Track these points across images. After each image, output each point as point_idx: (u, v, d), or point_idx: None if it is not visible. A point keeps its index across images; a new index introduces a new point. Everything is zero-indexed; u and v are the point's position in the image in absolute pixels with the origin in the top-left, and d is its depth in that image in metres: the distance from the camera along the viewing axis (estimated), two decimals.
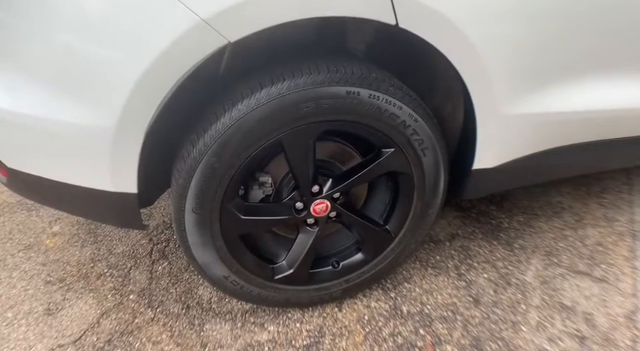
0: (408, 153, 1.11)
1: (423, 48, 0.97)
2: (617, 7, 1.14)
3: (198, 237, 1.06)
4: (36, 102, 0.90)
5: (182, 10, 0.77)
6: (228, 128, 0.92)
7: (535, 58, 1.10)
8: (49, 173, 1.02)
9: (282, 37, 0.85)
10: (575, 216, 1.92)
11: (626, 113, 1.38)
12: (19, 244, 1.67)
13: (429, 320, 1.33)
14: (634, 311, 1.44)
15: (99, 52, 0.82)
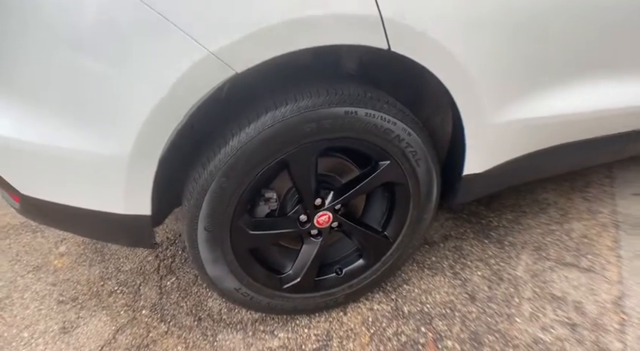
0: (403, 164, 1.19)
1: (413, 67, 1.05)
2: (586, 20, 1.23)
3: (210, 253, 1.13)
4: (52, 131, 0.95)
5: (192, 44, 0.84)
6: (237, 151, 0.99)
7: (515, 71, 1.19)
8: (63, 199, 1.07)
9: (282, 63, 0.92)
10: (560, 211, 2.02)
11: (602, 114, 1.48)
12: (28, 265, 1.71)
13: (429, 318, 1.41)
14: (620, 297, 1.54)
15: (114, 84, 0.88)
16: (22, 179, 1.09)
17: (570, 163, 1.73)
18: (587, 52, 1.34)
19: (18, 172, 1.08)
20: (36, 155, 1.00)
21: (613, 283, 1.60)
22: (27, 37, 0.87)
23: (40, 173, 1.04)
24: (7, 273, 1.68)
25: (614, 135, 1.59)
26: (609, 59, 1.42)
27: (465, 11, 1.02)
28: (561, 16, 1.20)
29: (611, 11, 1.27)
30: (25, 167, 1.05)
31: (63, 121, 0.94)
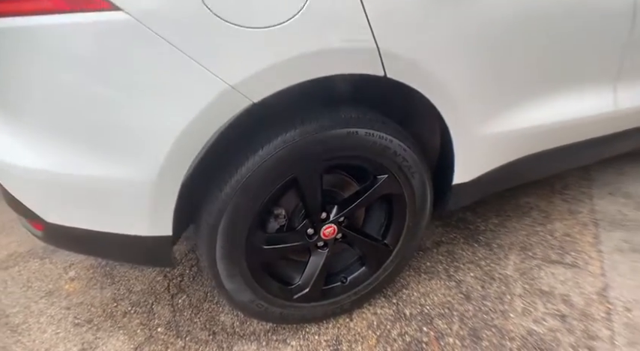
0: (400, 177, 1.31)
1: (404, 89, 1.18)
2: (551, 45, 1.39)
3: (227, 268, 1.22)
4: (79, 161, 1.03)
5: (214, 78, 0.94)
6: (252, 172, 1.09)
7: (495, 89, 1.32)
8: (89, 224, 1.15)
9: (291, 90, 1.03)
10: (542, 213, 2.16)
11: (572, 122, 1.63)
12: (40, 290, 1.76)
13: (430, 318, 1.52)
14: (604, 288, 1.67)
15: (141, 115, 0.97)
16: (47, 208, 1.16)
17: (549, 168, 1.87)
18: (554, 71, 1.50)
19: (44, 202, 1.15)
20: (62, 184, 1.08)
21: (596, 276, 1.74)
22: (55, 70, 0.95)
23: (65, 201, 1.12)
24: (20, 299, 1.72)
25: (587, 140, 1.74)
26: (574, 75, 1.58)
27: (449, 40, 1.15)
28: (531, 42, 1.36)
29: (572, 37, 1.44)
30: (51, 196, 1.13)
31: (91, 151, 1.02)
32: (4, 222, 2.25)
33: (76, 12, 0.89)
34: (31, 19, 0.91)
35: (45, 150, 1.05)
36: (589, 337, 1.45)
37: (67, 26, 0.90)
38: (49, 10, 0.90)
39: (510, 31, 1.29)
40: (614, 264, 1.81)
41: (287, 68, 0.98)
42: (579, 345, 1.43)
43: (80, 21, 0.89)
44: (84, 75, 0.95)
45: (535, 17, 1.33)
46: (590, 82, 1.65)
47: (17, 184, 1.15)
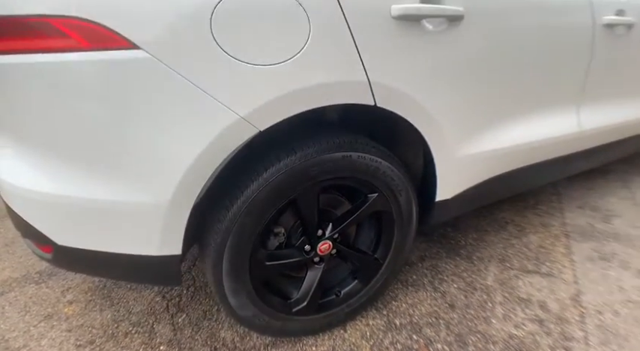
0: (388, 195, 1.43)
1: (392, 116, 1.31)
2: (518, 76, 1.56)
3: (232, 284, 1.30)
4: (95, 186, 1.11)
5: (225, 110, 1.05)
6: (257, 194, 1.19)
7: (471, 115, 1.47)
8: (99, 246, 1.22)
9: (292, 118, 1.14)
10: (517, 227, 2.32)
11: (542, 143, 1.79)
12: (38, 315, 1.78)
13: (419, 327, 1.62)
14: (577, 294, 1.81)
15: (157, 143, 1.06)
16: (59, 231, 1.22)
17: (522, 184, 2.03)
18: (524, 98, 1.68)
19: (56, 225, 1.21)
20: (76, 208, 1.15)
21: (570, 283, 1.88)
22: (76, 102, 1.03)
23: (78, 224, 1.18)
24: (18, 323, 1.75)
25: (554, 159, 1.90)
26: (542, 101, 1.75)
27: (431, 73, 1.30)
28: (503, 73, 1.52)
29: (540, 68, 1.62)
30: (64, 220, 1.19)
31: (107, 177, 1.10)
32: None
33: (98, 50, 0.99)
34: (57, 56, 1.00)
35: (62, 176, 1.12)
36: (565, 339, 1.58)
37: (89, 63, 1.00)
38: (74, 47, 0.99)
39: (485, 63, 1.45)
40: (586, 272, 1.96)
41: (289, 100, 1.10)
42: (556, 346, 1.55)
43: (102, 58, 0.99)
44: (103, 107, 1.04)
45: (506, 51, 1.50)
46: (556, 106, 1.82)
47: (30, 208, 1.22)
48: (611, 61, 1.94)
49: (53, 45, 1.00)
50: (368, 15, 1.16)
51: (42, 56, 1.01)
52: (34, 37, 1.00)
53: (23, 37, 1.01)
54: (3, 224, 2.51)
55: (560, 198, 2.67)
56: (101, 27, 0.97)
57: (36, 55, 1.01)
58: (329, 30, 1.11)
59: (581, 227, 2.34)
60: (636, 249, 2.16)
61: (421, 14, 1.23)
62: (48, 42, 1.00)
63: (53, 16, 0.98)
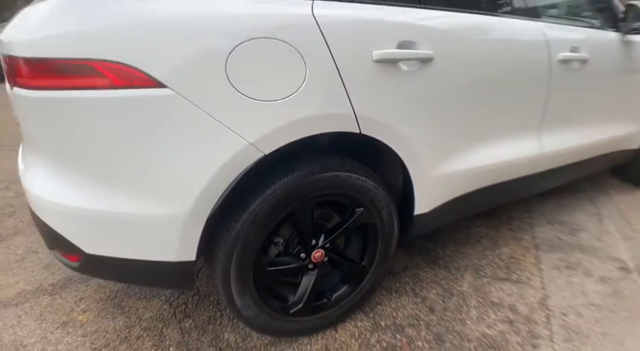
0: (373, 210, 1.65)
1: (374, 141, 1.54)
2: (491, 105, 1.82)
3: (238, 287, 1.50)
4: (123, 201, 1.30)
5: (236, 137, 1.27)
6: (260, 208, 1.40)
7: (443, 141, 1.72)
8: (124, 253, 1.41)
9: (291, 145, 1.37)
10: (491, 240, 2.55)
11: (507, 163, 2.04)
12: (54, 322, 1.94)
13: (402, 327, 1.82)
14: (544, 298, 2.03)
15: (179, 166, 1.27)
16: (88, 241, 1.41)
17: (493, 200, 2.26)
18: (491, 125, 1.94)
19: (85, 235, 1.40)
20: (105, 220, 1.35)
21: (537, 289, 2.10)
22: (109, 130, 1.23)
23: (106, 234, 1.38)
24: (35, 330, 1.90)
25: (519, 178, 2.15)
26: (506, 128, 2.01)
27: (408, 106, 1.54)
28: (472, 104, 1.78)
29: (505, 98, 1.88)
30: (92, 230, 1.39)
31: (135, 193, 1.30)
32: (10, 262, 2.43)
33: (130, 88, 1.21)
34: (94, 92, 1.21)
35: (93, 192, 1.32)
36: (532, 337, 1.79)
37: (122, 98, 1.22)
38: (108, 85, 1.21)
39: (454, 97, 1.70)
40: (552, 279, 2.18)
41: (289, 129, 1.33)
42: (525, 343, 1.76)
43: (133, 94, 1.21)
44: (134, 134, 1.25)
45: (472, 85, 1.76)
46: (519, 131, 2.08)
47: (62, 220, 1.40)
48: (568, 91, 2.21)
49: (92, 83, 1.22)
50: (353, 59, 1.41)
51: (84, 92, 1.22)
52: (77, 76, 1.22)
53: (68, 76, 1.22)
54: (12, 242, 2.67)
55: (531, 214, 2.91)
56: (133, 69, 1.19)
57: (78, 91, 1.22)
58: (321, 72, 1.35)
59: (549, 240, 2.57)
60: (599, 259, 2.39)
61: (397, 58, 1.48)
62: (88, 80, 1.22)
63: (93, 59, 1.19)
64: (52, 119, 1.27)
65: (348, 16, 1.42)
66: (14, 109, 1.46)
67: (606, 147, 2.73)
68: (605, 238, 2.63)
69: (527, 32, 1.97)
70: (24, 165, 1.57)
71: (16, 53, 1.24)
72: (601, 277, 2.21)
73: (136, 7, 1.21)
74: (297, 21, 1.32)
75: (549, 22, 2.14)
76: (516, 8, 1.99)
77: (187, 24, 1.22)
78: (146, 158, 1.27)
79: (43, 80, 1.23)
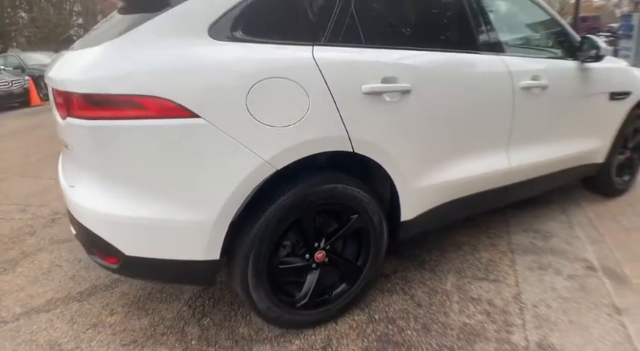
0: (365, 217, 1.95)
1: (366, 159, 1.86)
2: (465, 126, 2.15)
3: (254, 282, 1.78)
4: (161, 208, 1.59)
5: (255, 156, 1.58)
6: (272, 215, 1.70)
7: (423, 157, 2.04)
8: (160, 254, 1.69)
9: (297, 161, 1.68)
10: (471, 247, 2.85)
11: (480, 177, 2.36)
12: (85, 324, 2.19)
13: (393, 319, 2.10)
14: (518, 294, 2.31)
15: (209, 180, 1.57)
16: (129, 244, 1.68)
17: (470, 208, 2.58)
18: (465, 144, 2.27)
19: (127, 240, 1.68)
20: (146, 226, 1.63)
21: (512, 286, 2.39)
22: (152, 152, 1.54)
23: (145, 238, 1.66)
24: (68, 332, 2.15)
25: (491, 189, 2.47)
26: (478, 146, 2.34)
27: (393, 129, 1.88)
28: (448, 127, 2.11)
29: (476, 121, 2.22)
30: (132, 235, 1.67)
31: (172, 203, 1.60)
32: (37, 275, 2.68)
33: (169, 118, 1.52)
34: (139, 121, 1.52)
35: (135, 203, 1.61)
36: (507, 325, 2.07)
37: (163, 126, 1.53)
38: (151, 116, 1.52)
39: (430, 121, 2.03)
40: (526, 278, 2.48)
41: (297, 149, 1.65)
42: (500, 330, 2.04)
43: (172, 123, 1.52)
44: (171, 155, 1.56)
45: (445, 111, 2.10)
46: (489, 149, 2.41)
47: (106, 227, 1.68)
48: (530, 114, 2.56)
49: (138, 114, 1.53)
50: (346, 92, 1.74)
51: (128, 122, 1.53)
52: (125, 108, 1.53)
53: (117, 109, 1.54)
54: (37, 258, 2.92)
55: (508, 223, 3.23)
56: (172, 102, 1.51)
57: (124, 121, 1.53)
58: (321, 103, 1.68)
59: (524, 245, 2.88)
60: (568, 260, 2.69)
61: (382, 91, 1.82)
62: (134, 112, 1.53)
63: (138, 95, 1.51)
64: (102, 143, 1.57)
65: (342, 58, 1.76)
66: (64, 135, 1.76)
67: (572, 161, 3.06)
68: (574, 242, 2.93)
69: (492, 65, 2.32)
70: (68, 181, 1.86)
71: (73, 89, 1.55)
72: (569, 275, 2.51)
73: (173, 53, 1.54)
74: (301, 63, 1.66)
75: (512, 55, 2.49)
76: (482, 44, 2.35)
77: (216, 66, 1.55)
78: (181, 173, 1.57)
79: (96, 112, 1.54)
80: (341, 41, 1.80)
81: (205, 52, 1.56)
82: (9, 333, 2.17)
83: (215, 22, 1.60)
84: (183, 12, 1.59)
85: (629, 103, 3.23)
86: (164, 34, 1.57)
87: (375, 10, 1.96)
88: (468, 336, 2.00)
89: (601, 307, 2.21)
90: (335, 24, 1.79)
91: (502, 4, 2.64)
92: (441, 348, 1.93)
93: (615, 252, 2.76)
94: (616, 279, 2.46)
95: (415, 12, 2.19)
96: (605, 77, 3.02)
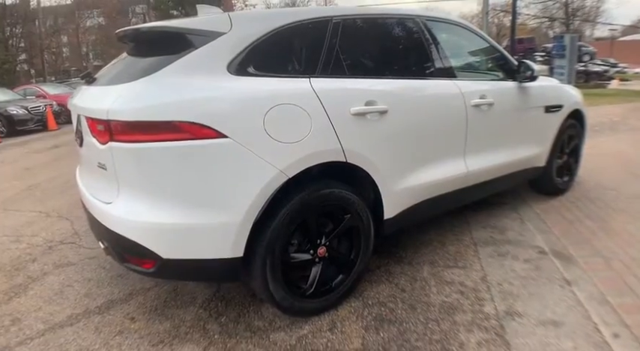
0: (356, 216, 2.35)
1: (355, 167, 2.27)
2: (431, 139, 2.62)
3: (271, 274, 2.12)
4: (194, 214, 1.93)
5: (272, 167, 1.96)
6: (285, 216, 2.06)
7: (401, 165, 2.48)
8: (193, 254, 2.00)
9: (303, 170, 2.07)
10: (440, 243, 3.29)
11: (444, 180, 2.83)
12: (111, 332, 2.42)
13: (384, 303, 2.49)
14: (484, 276, 2.74)
15: (235, 189, 1.93)
16: (167, 247, 1.98)
17: (438, 207, 3.03)
18: (431, 153, 2.74)
19: (165, 244, 1.98)
20: (180, 230, 1.95)
21: (478, 270, 2.84)
22: (186, 168, 1.89)
23: (181, 241, 1.98)
24: (96, 340, 2.37)
25: (454, 190, 2.94)
26: (441, 155, 2.82)
27: (376, 142, 2.31)
28: (418, 140, 2.57)
29: (439, 135, 2.71)
30: (169, 239, 1.98)
31: (204, 208, 1.94)
32: (50, 296, 2.85)
33: (203, 139, 1.88)
34: (176, 143, 1.87)
35: (171, 211, 1.93)
36: (479, 300, 2.50)
37: (198, 146, 1.88)
38: (186, 138, 1.87)
39: (403, 135, 2.48)
40: (489, 263, 2.93)
41: (304, 160, 2.04)
42: (474, 304, 2.46)
43: (205, 143, 1.88)
44: (204, 169, 1.91)
45: (415, 127, 2.56)
46: (450, 157, 2.89)
47: (145, 234, 1.97)
48: (481, 126, 3.07)
49: (176, 137, 1.87)
50: (339, 113, 2.17)
51: (168, 143, 1.88)
52: (165, 132, 1.87)
53: (158, 133, 1.87)
54: (45, 281, 3.09)
55: (468, 222, 3.71)
56: (205, 127, 1.87)
57: (164, 143, 1.88)
58: (321, 123, 2.09)
59: (484, 238, 3.35)
60: (523, 248, 3.17)
61: (365, 112, 2.26)
62: (173, 135, 1.87)
63: (177, 121, 1.86)
64: (144, 162, 1.90)
65: (333, 86, 2.20)
66: (102, 158, 2.06)
67: (519, 165, 3.60)
68: (526, 234, 3.44)
69: (448, 88, 2.83)
70: (102, 199, 2.14)
71: (118, 118, 1.88)
72: (525, 259, 2.98)
73: (202, 86, 1.91)
74: (304, 91, 2.07)
75: (462, 79, 3.01)
76: (438, 72, 2.85)
77: (238, 96, 1.94)
78: (212, 183, 1.93)
79: (139, 136, 1.88)
80: (330, 73, 2.23)
81: (228, 85, 1.94)
82: (38, 347, 2.34)
83: (232, 61, 1.99)
84: (205, 53, 1.98)
85: (562, 115, 3.84)
86: (190, 71, 1.95)
87: (354, 48, 2.41)
88: (447, 310, 2.42)
89: (554, 281, 2.68)
90: (324, 60, 2.22)
91: (452, 37, 3.17)
92: (428, 321, 2.33)
93: (561, 239, 3.28)
94: (564, 259, 2.96)
95: (386, 48, 2.68)
96: (540, 94, 3.61)
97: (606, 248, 3.08)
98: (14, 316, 2.64)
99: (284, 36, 2.16)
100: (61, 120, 13.51)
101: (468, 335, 2.22)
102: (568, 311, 2.37)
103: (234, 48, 2.02)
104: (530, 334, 2.21)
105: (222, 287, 2.76)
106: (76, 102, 2.32)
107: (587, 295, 2.50)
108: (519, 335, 2.20)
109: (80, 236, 3.86)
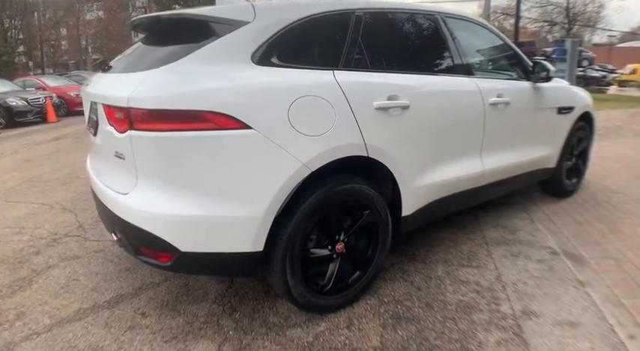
0: (375, 212, 2.31)
1: (376, 163, 2.23)
2: (449, 137, 2.59)
3: (290, 269, 2.07)
4: (216, 207, 1.88)
5: (295, 160, 1.91)
6: (305, 211, 2.02)
7: (421, 162, 2.45)
8: (213, 248, 1.95)
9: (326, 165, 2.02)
10: (452, 241, 3.27)
11: (461, 178, 2.80)
12: (121, 328, 2.36)
13: (400, 301, 2.45)
14: (499, 275, 2.72)
15: (258, 181, 1.88)
16: (186, 240, 1.92)
17: (454, 205, 3.00)
18: (449, 151, 2.72)
19: (185, 236, 1.93)
20: (202, 223, 1.90)
21: (493, 270, 2.81)
22: (212, 158, 1.83)
23: (202, 234, 1.92)
24: (106, 336, 2.31)
25: (471, 189, 2.91)
26: (459, 152, 2.79)
27: (397, 138, 2.27)
28: (438, 137, 2.54)
29: (457, 132, 2.68)
30: (189, 232, 1.93)
31: (226, 201, 1.89)
32: (57, 290, 2.78)
33: (228, 129, 1.83)
34: (200, 133, 1.82)
35: (192, 202, 1.88)
36: (495, 299, 2.47)
37: (223, 136, 1.83)
38: (208, 128, 1.82)
39: (425, 131, 2.45)
40: (502, 263, 2.91)
41: (326, 153, 1.99)
42: (490, 303, 2.43)
43: (230, 134, 1.83)
44: (227, 160, 1.86)
45: (436, 123, 2.53)
46: (467, 155, 2.86)
47: (163, 226, 1.91)
48: (497, 125, 3.04)
49: (200, 126, 1.83)
50: (362, 107, 2.12)
51: (192, 133, 1.83)
52: (189, 122, 1.83)
53: (182, 122, 1.82)
54: (51, 274, 3.02)
55: (479, 222, 3.69)
56: (229, 117, 1.82)
57: (188, 132, 1.83)
58: (344, 116, 2.04)
59: (496, 238, 3.33)
60: (535, 248, 3.15)
61: (387, 106, 2.22)
62: (197, 125, 1.83)
63: (202, 110, 1.82)
64: (166, 152, 1.85)
65: (357, 80, 2.16)
66: (119, 147, 2.00)
67: (531, 165, 3.58)
68: (537, 234, 3.42)
69: (466, 85, 2.80)
70: (118, 190, 2.08)
71: (139, 106, 1.82)
72: (538, 260, 2.97)
73: (226, 75, 1.86)
74: (328, 84, 2.03)
75: (481, 77, 2.98)
76: (458, 69, 2.82)
77: (262, 86, 1.89)
78: (235, 175, 1.88)
79: (161, 125, 1.82)
80: (353, 66, 2.19)
81: (252, 75, 1.90)
82: (44, 343, 2.26)
83: (256, 50, 1.95)
84: (229, 42, 1.93)
85: (573, 117, 3.83)
86: (214, 60, 1.90)
87: (376, 42, 2.37)
88: (464, 309, 2.38)
89: (567, 282, 2.66)
90: (347, 52, 2.18)
91: (469, 34, 3.14)
92: (445, 320, 2.30)
93: (572, 240, 3.26)
94: (576, 260, 2.94)
95: (406, 43, 2.65)
96: (553, 95, 3.59)
97: (616, 250, 3.08)
98: (19, 309, 2.58)
99: (307, 27, 2.12)
100: (60, 112, 13.42)
101: (487, 334, 2.19)
102: (584, 312, 2.36)
103: (258, 38, 1.97)
104: (547, 334, 2.19)
105: (236, 282, 2.72)
106: (90, 89, 2.26)
107: (602, 297, 2.49)
108: (537, 335, 2.18)
109: (85, 229, 3.80)
